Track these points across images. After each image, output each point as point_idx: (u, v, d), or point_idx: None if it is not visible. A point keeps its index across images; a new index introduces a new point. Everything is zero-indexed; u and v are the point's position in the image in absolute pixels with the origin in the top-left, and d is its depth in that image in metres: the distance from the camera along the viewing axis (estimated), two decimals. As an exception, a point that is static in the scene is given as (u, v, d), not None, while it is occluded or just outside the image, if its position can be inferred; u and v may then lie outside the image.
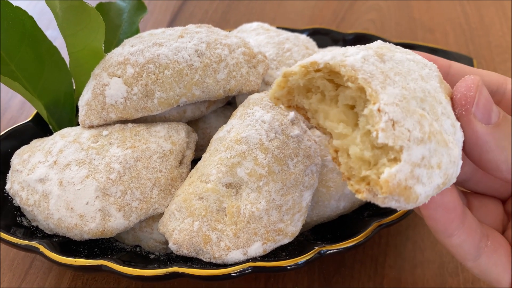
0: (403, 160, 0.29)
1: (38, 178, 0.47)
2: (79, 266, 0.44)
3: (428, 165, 0.30)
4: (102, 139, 0.49)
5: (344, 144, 0.33)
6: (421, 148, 0.29)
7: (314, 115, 0.37)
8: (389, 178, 0.28)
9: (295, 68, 0.35)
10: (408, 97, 0.30)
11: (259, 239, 0.44)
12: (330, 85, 0.35)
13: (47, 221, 0.47)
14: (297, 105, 0.38)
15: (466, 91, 0.33)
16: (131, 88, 0.48)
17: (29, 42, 0.54)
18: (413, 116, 0.30)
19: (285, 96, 0.38)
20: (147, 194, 0.47)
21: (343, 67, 0.32)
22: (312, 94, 0.36)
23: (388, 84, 0.31)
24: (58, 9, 0.51)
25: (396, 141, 0.29)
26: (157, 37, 0.52)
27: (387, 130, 0.29)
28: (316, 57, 0.34)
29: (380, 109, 0.29)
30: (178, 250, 0.45)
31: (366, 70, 0.31)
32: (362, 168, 0.31)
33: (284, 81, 0.36)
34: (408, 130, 0.29)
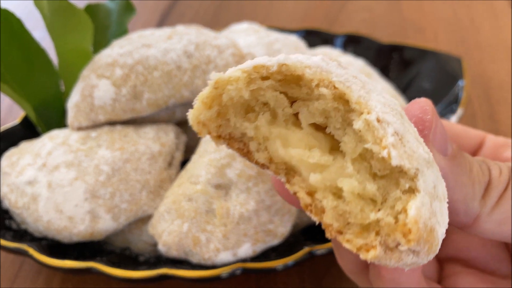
0: (422, 190, 0.21)
1: (27, 181, 0.47)
2: (68, 268, 0.44)
3: (439, 197, 0.23)
4: (91, 141, 0.49)
5: (328, 179, 0.24)
6: (431, 172, 0.22)
7: (264, 145, 0.26)
8: (417, 216, 0.20)
9: (234, 73, 0.24)
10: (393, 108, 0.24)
11: (249, 240, 0.44)
12: (285, 99, 0.25)
13: (36, 224, 0.47)
14: (230, 135, 0.26)
15: (422, 114, 0.27)
16: (120, 89, 0.48)
17: (17, 44, 0.54)
18: (409, 130, 0.23)
19: (214, 120, 0.26)
20: (136, 196, 0.47)
21: (307, 68, 0.24)
22: (256, 114, 0.26)
23: (370, 90, 0.24)
24: (46, 10, 0.51)
25: (412, 162, 0.21)
26: (146, 38, 0.51)
27: (398, 147, 0.21)
28: (259, 59, 0.25)
29: (379, 118, 0.22)
30: (168, 251, 0.45)
31: (338, 73, 0.24)
32: (366, 210, 0.23)
33: (215, 95, 0.25)
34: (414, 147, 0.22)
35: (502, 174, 0.29)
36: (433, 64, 0.68)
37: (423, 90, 0.67)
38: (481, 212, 0.29)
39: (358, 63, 0.64)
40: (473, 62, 0.84)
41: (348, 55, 0.66)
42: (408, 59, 0.71)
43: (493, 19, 0.95)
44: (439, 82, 0.67)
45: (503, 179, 0.29)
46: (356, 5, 1.00)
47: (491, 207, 0.29)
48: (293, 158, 0.25)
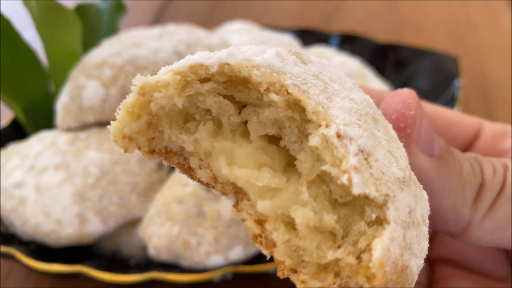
0: (392, 221, 0.17)
1: (14, 183, 0.46)
2: (56, 272, 0.43)
3: (416, 222, 0.19)
4: (80, 143, 0.48)
5: (278, 206, 0.20)
6: (406, 194, 0.18)
7: (205, 161, 0.21)
8: (383, 258, 0.16)
9: (163, 77, 0.20)
10: (363, 114, 0.19)
11: (240, 243, 0.44)
12: (231, 104, 0.21)
13: (24, 227, 0.46)
14: (167, 149, 0.22)
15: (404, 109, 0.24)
16: (109, 90, 0.48)
17: (5, 45, 0.53)
18: (381, 142, 0.19)
19: (144, 132, 0.21)
20: (125, 198, 0.46)
21: (255, 69, 0.19)
22: (196, 123, 0.21)
23: (332, 93, 0.19)
24: (35, 10, 0.50)
25: (380, 188, 0.17)
26: (136, 38, 0.51)
27: (363, 170, 0.17)
28: (197, 57, 0.20)
29: (340, 133, 0.18)
30: (158, 255, 0.44)
31: (293, 72, 0.19)
32: (323, 246, 0.18)
33: (143, 104, 0.20)
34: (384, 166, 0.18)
35: (496, 174, 0.26)
36: (429, 63, 0.68)
37: (419, 89, 0.67)
38: (472, 219, 0.26)
39: (352, 63, 0.63)
40: (470, 61, 0.83)
41: (343, 55, 0.66)
42: (404, 58, 0.71)
43: (491, 18, 0.95)
44: (436, 81, 0.66)
45: (497, 180, 0.26)
46: (352, 4, 1.00)
47: (484, 214, 0.26)
48: (239, 180, 0.20)
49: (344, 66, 0.62)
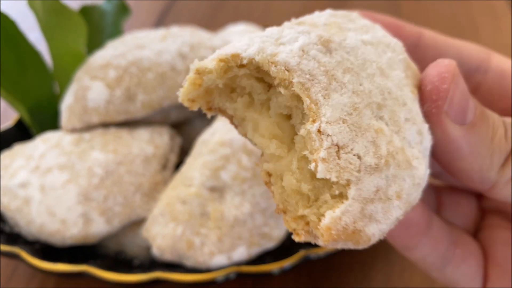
0: (351, 198, 0.22)
1: (19, 183, 0.47)
2: (61, 272, 0.43)
3: (384, 198, 0.23)
4: (84, 143, 0.48)
5: (277, 169, 0.26)
6: (376, 178, 0.22)
7: (241, 123, 0.28)
8: (331, 224, 0.22)
9: (210, 63, 0.25)
10: (361, 106, 0.23)
11: (244, 243, 0.44)
12: (260, 85, 0.26)
13: (29, 227, 0.46)
14: (220, 108, 0.28)
15: (438, 82, 0.25)
16: (113, 91, 0.48)
17: (10, 46, 0.53)
18: (365, 134, 0.23)
19: (203, 96, 0.27)
20: (129, 199, 0.46)
21: (273, 65, 0.23)
22: (237, 95, 0.27)
23: (334, 89, 0.23)
24: (40, 11, 0.51)
25: (342, 175, 0.22)
26: (140, 40, 0.51)
27: (330, 161, 0.22)
28: (238, 46, 0.25)
29: (320, 130, 0.22)
30: (162, 255, 0.44)
31: (305, 70, 0.23)
32: (299, 204, 0.24)
33: (198, 79, 0.26)
34: (359, 156, 0.22)
35: None
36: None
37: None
38: (499, 181, 0.27)
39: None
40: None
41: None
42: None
43: (492, 19, 0.95)
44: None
45: None
46: (354, 6, 1.00)
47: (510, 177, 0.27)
48: (258, 144, 0.26)
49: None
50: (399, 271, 0.53)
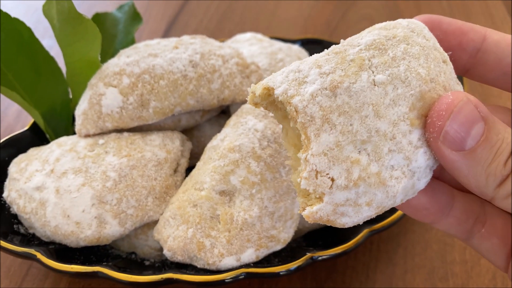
0: (325, 202, 0.30)
1: (35, 186, 0.48)
2: (75, 272, 0.45)
3: (354, 205, 0.30)
4: (98, 148, 0.50)
5: (293, 166, 0.34)
6: (346, 193, 0.30)
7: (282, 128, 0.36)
8: (309, 214, 0.30)
9: (258, 90, 0.33)
10: (344, 143, 0.30)
11: (252, 246, 0.45)
12: None
13: (44, 229, 0.48)
14: None
15: (436, 118, 0.30)
16: (127, 98, 0.50)
17: (26, 53, 0.55)
18: (341, 164, 0.30)
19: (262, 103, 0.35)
20: (142, 202, 0.48)
21: (288, 105, 0.31)
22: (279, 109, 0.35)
23: (324, 130, 0.30)
24: (55, 20, 0.52)
25: (317, 189, 0.30)
26: (152, 48, 0.53)
27: (309, 179, 0.30)
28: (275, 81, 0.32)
29: (307, 159, 0.30)
30: (173, 256, 0.46)
31: (308, 113, 0.30)
32: (301, 193, 0.32)
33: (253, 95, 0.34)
34: (332, 179, 0.30)
35: None
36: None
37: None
38: (495, 197, 0.30)
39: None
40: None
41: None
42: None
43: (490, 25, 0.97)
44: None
45: None
46: (356, 15, 1.02)
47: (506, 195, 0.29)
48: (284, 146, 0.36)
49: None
50: (402, 273, 0.55)
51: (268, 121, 0.49)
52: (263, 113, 0.50)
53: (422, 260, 0.56)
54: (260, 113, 0.50)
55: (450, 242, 0.58)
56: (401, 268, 0.55)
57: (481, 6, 1.03)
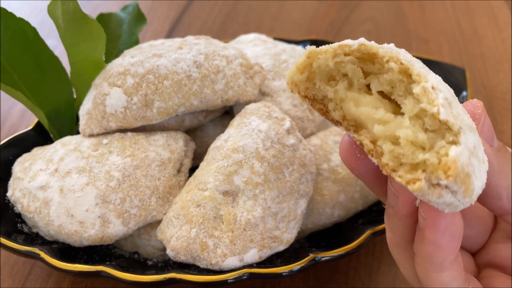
0: (462, 143, 0.26)
1: (39, 186, 0.48)
2: (78, 271, 0.45)
3: (477, 157, 0.27)
4: (102, 148, 0.50)
5: (388, 130, 0.30)
6: (472, 136, 0.27)
7: (339, 104, 0.33)
8: (456, 157, 0.26)
9: (324, 47, 0.31)
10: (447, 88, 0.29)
11: (255, 246, 0.45)
12: (360, 71, 0.32)
13: (47, 228, 0.48)
14: (314, 96, 0.34)
15: (473, 108, 0.31)
16: (131, 98, 0.50)
17: (31, 52, 0.55)
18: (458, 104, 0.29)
19: (304, 82, 0.33)
20: (145, 202, 0.48)
21: (381, 48, 0.30)
22: (336, 82, 0.33)
23: (428, 71, 0.29)
24: (60, 20, 0.53)
25: (456, 121, 0.26)
26: (156, 48, 0.53)
27: (446, 107, 0.27)
28: (346, 40, 0.31)
29: (434, 86, 0.27)
30: (176, 256, 0.46)
31: (405, 55, 0.30)
32: (416, 153, 0.28)
33: (307, 63, 0.32)
34: (458, 113, 0.27)
35: None
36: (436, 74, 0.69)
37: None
38: None
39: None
40: (476, 73, 0.85)
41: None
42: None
43: (496, 30, 0.97)
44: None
45: None
46: (360, 17, 1.02)
47: None
48: (362, 115, 0.31)
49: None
50: (405, 275, 0.54)
51: (272, 121, 0.49)
52: (266, 114, 0.50)
53: (425, 262, 0.56)
54: (264, 113, 0.50)
55: (453, 244, 0.58)
56: (404, 270, 0.55)
57: (485, 7, 1.03)
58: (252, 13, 1.03)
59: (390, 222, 0.35)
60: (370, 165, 0.34)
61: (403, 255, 0.36)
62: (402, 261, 0.36)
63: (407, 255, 0.35)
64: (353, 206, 0.53)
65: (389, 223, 0.35)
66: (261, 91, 0.57)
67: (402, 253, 0.36)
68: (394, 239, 0.36)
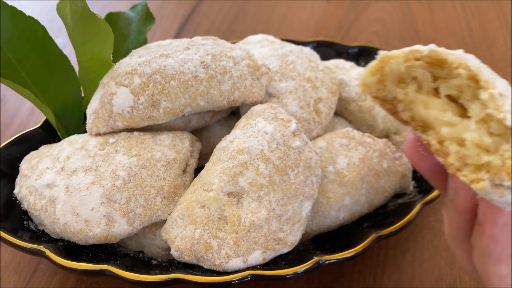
0: None
1: (45, 184, 0.49)
2: (83, 270, 0.45)
3: None
4: (109, 147, 0.50)
5: (455, 132, 0.32)
6: None
7: (408, 106, 0.35)
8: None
9: (396, 52, 0.34)
10: None
11: (259, 248, 0.45)
12: (429, 76, 0.34)
13: (53, 226, 0.48)
14: (384, 97, 0.36)
15: None
16: (138, 97, 0.50)
17: (39, 51, 0.56)
18: None
19: (375, 84, 0.36)
20: (150, 201, 0.48)
21: (451, 55, 0.32)
22: (406, 85, 0.35)
23: (496, 77, 0.31)
24: (69, 19, 0.53)
25: None
26: (164, 49, 0.53)
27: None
28: (416, 46, 0.34)
29: (501, 93, 0.29)
30: (180, 257, 0.46)
31: (473, 62, 0.31)
32: (481, 155, 0.30)
33: (379, 67, 0.35)
34: None
35: None
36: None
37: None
38: None
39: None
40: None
41: (360, 68, 0.67)
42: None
43: (506, 33, 0.96)
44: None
45: None
46: (369, 18, 1.01)
47: None
48: (431, 117, 0.33)
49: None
50: (410, 278, 0.54)
51: (278, 123, 0.49)
52: (272, 115, 0.50)
53: (430, 266, 0.55)
54: (270, 115, 0.50)
55: (459, 248, 0.57)
56: (409, 274, 0.55)
57: (495, 9, 1.02)
58: (261, 13, 1.03)
59: (449, 216, 0.37)
60: (432, 162, 0.35)
61: (461, 247, 0.37)
62: (459, 253, 0.38)
63: (464, 248, 0.37)
64: (358, 209, 0.52)
65: (448, 216, 0.37)
66: (268, 92, 0.57)
67: (459, 246, 0.37)
68: (452, 232, 0.37)
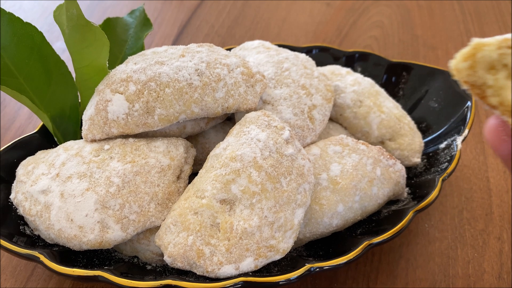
0: None
1: (40, 190, 0.49)
2: (77, 276, 0.45)
3: None
4: (104, 153, 0.51)
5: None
6: None
7: (498, 92, 0.36)
8: None
9: (489, 40, 0.35)
10: None
11: (251, 255, 0.46)
12: None
13: (48, 231, 0.49)
14: (474, 82, 0.37)
15: None
16: (133, 104, 0.50)
17: (37, 57, 0.56)
18: None
19: (466, 70, 0.37)
20: (144, 208, 0.49)
21: None
22: (497, 71, 0.36)
23: None
24: (65, 26, 0.53)
25: None
26: (159, 56, 0.53)
27: None
28: (508, 34, 0.35)
29: None
30: (173, 263, 0.47)
31: None
32: None
33: (471, 53, 0.36)
34: None
35: None
36: (441, 83, 0.69)
37: (431, 109, 0.68)
38: None
39: (365, 81, 0.65)
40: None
41: (356, 74, 0.67)
42: (417, 77, 0.72)
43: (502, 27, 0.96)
44: (448, 101, 0.67)
45: None
46: (368, 22, 1.02)
47: None
48: None
49: (357, 84, 0.64)
50: (403, 285, 0.54)
51: (271, 131, 0.49)
52: (266, 123, 0.50)
53: (424, 273, 0.56)
54: (263, 122, 0.50)
55: (453, 255, 0.57)
56: (403, 281, 0.55)
57: (495, 13, 1.02)
58: (260, 17, 1.03)
59: None
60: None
61: None
62: None
63: None
64: (351, 216, 0.53)
65: None
66: (262, 99, 0.57)
67: None
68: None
